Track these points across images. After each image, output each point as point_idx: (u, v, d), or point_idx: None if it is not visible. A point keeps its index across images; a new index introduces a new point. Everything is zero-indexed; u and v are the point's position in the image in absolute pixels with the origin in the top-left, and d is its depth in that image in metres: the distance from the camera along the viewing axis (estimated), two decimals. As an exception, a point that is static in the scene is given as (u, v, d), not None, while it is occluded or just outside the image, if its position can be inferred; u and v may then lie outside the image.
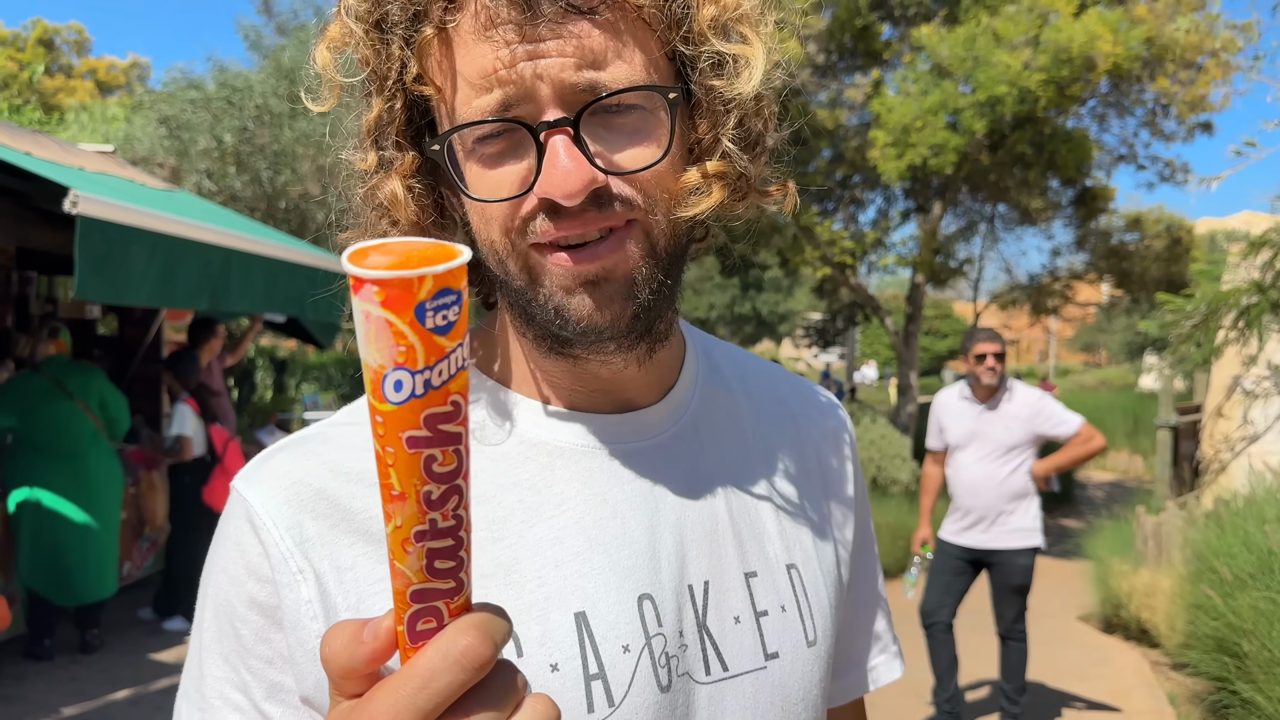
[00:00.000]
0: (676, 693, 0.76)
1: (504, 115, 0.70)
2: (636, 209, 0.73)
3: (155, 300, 5.34)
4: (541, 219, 0.72)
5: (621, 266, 0.73)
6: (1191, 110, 10.28)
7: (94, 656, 6.00)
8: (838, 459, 0.96)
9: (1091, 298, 20.35)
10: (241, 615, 0.74)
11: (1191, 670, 5.54)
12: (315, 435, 0.81)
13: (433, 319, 0.48)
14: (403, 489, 0.50)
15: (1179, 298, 7.18)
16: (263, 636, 0.73)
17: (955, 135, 9.69)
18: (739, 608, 0.81)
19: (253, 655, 0.73)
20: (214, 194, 12.07)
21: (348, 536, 0.73)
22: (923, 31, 10.10)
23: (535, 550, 0.75)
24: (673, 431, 0.84)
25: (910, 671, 6.31)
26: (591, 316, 0.73)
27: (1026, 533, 4.95)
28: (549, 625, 0.73)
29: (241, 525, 0.75)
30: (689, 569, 0.79)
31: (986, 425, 4.99)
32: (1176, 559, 6.77)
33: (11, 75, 24.93)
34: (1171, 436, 9.40)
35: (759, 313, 28.57)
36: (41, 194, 4.91)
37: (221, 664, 0.74)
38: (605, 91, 0.70)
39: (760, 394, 0.94)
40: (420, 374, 0.48)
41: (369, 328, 0.48)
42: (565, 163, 0.69)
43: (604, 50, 0.71)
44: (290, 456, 0.78)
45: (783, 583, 0.84)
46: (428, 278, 0.47)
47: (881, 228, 12.67)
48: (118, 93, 35.84)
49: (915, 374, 12.62)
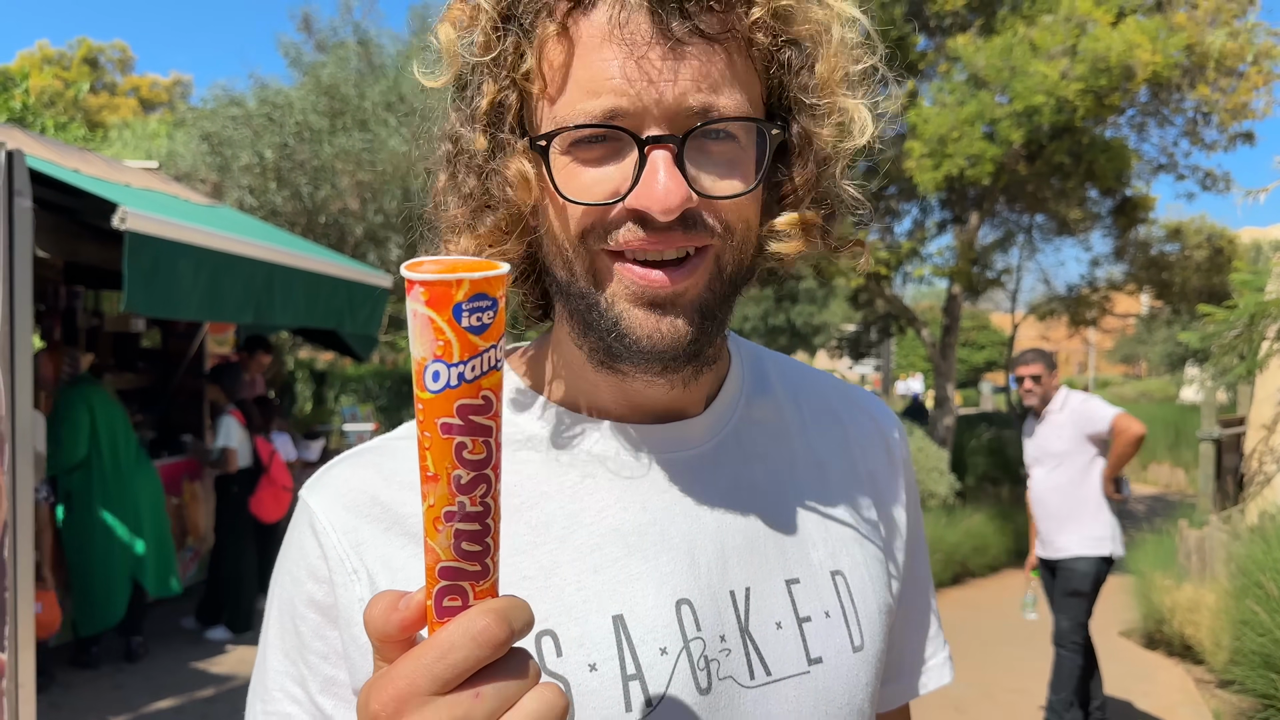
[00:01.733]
0: (718, 695, 0.78)
1: (611, 122, 0.72)
2: (716, 236, 0.75)
3: (202, 314, 5.44)
4: (627, 229, 0.74)
5: (691, 291, 0.75)
6: (1233, 118, 10.14)
7: (139, 665, 6.09)
8: (889, 466, 0.97)
9: (1131, 309, 20.11)
10: (301, 613, 0.78)
11: (1237, 687, 5.45)
12: (376, 447, 0.85)
13: (468, 319, 0.55)
14: (436, 470, 0.57)
15: (1221, 308, 7.09)
16: (319, 634, 0.77)
17: (992, 146, 9.63)
18: (781, 613, 0.82)
19: (310, 651, 0.78)
20: (255, 209, 12.24)
21: (400, 539, 0.78)
22: (959, 42, 10.06)
23: (576, 555, 0.78)
24: (715, 441, 0.86)
25: (951, 686, 6.24)
26: (651, 336, 0.75)
27: (1089, 540, 4.91)
28: (588, 627, 0.76)
29: (304, 530, 0.80)
30: (730, 575, 0.81)
31: (1044, 439, 5.10)
32: (1220, 574, 6.67)
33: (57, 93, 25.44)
34: (1214, 449, 9.26)
35: (793, 324, 28.45)
36: (89, 209, 5.01)
37: (282, 658, 0.80)
38: (716, 116, 0.73)
39: (810, 403, 0.96)
40: (455, 367, 0.56)
41: (415, 324, 0.56)
42: (666, 179, 0.71)
43: (719, 78, 0.73)
44: (350, 466, 0.83)
45: (826, 589, 0.85)
46: (465, 282, 0.55)
47: (917, 238, 12.60)
48: (160, 110, 36.44)
49: (953, 386, 12.51)
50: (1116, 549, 4.94)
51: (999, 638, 7.64)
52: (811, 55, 0.76)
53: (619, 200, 0.73)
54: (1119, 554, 4.95)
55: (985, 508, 11.13)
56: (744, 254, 0.78)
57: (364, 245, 12.84)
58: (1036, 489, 5.16)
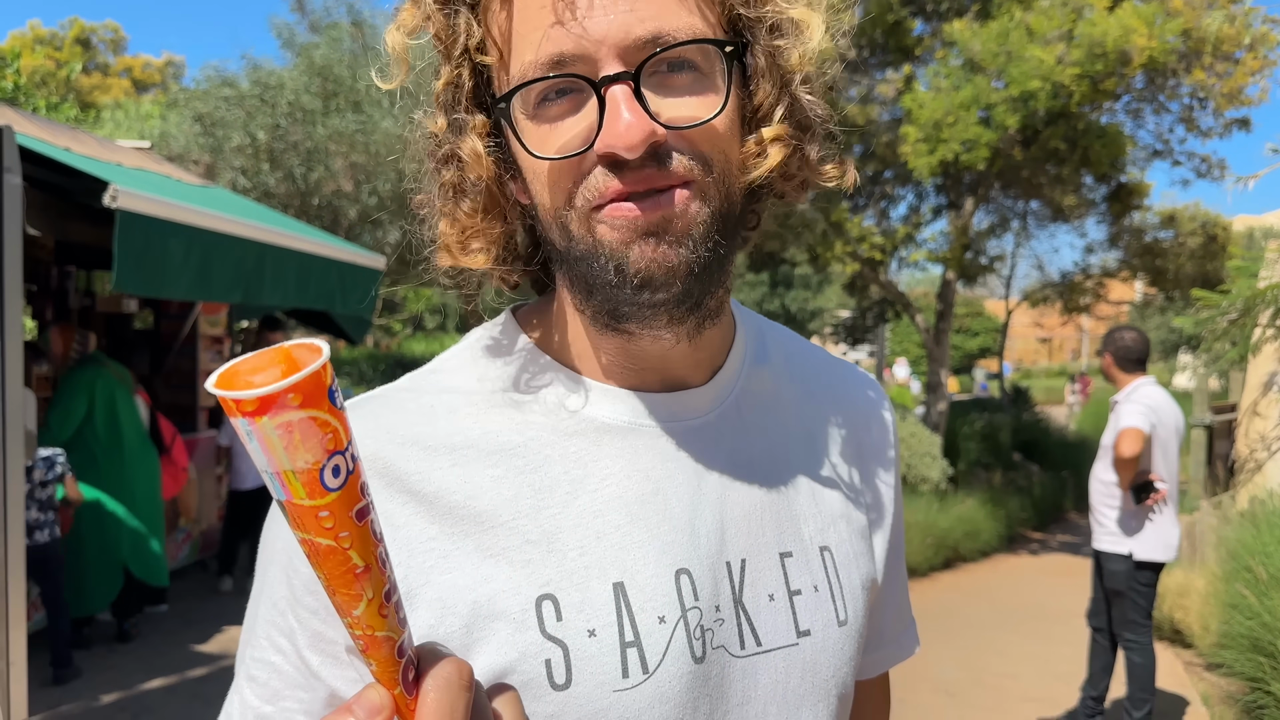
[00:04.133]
0: (711, 664, 0.79)
1: (560, 71, 0.70)
2: (695, 169, 0.73)
3: (192, 294, 5.42)
4: (601, 175, 0.72)
5: (681, 219, 0.73)
6: (1229, 103, 10.12)
7: (130, 645, 6.10)
8: (877, 441, 0.98)
9: (1125, 296, 20.13)
10: (294, 566, 0.77)
11: (1226, 670, 5.48)
12: (378, 398, 0.84)
13: (339, 397, 0.51)
14: (365, 562, 0.53)
15: (1214, 294, 7.09)
16: (310, 588, 0.76)
17: (987, 131, 9.61)
18: (774, 586, 0.83)
19: (300, 605, 0.76)
20: (248, 190, 12.19)
21: (401, 495, 0.76)
22: (955, 27, 10.02)
23: (578, 521, 0.78)
24: (718, 412, 0.86)
25: (940, 668, 6.29)
26: (650, 266, 0.73)
27: (1113, 537, 4.89)
28: (588, 593, 0.76)
29: None
30: (728, 547, 0.81)
31: (1108, 426, 5.02)
32: (1211, 558, 6.70)
33: (50, 74, 25.29)
34: (1206, 435, 9.29)
35: (788, 310, 28.50)
36: (81, 189, 4.98)
37: (270, 609, 0.78)
38: (669, 42, 0.71)
39: (804, 376, 0.96)
40: (347, 450, 0.51)
41: (292, 435, 0.49)
42: (626, 115, 0.69)
43: (667, 6, 0.71)
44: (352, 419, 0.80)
45: (816, 564, 0.86)
46: (328, 366, 0.50)
47: (912, 224, 12.58)
48: (153, 91, 36.25)
49: (946, 372, 12.53)
50: (1137, 550, 4.83)
51: (990, 623, 7.68)
52: None
53: (588, 148, 0.72)
54: (1141, 556, 4.82)
55: (977, 493, 11.17)
56: (728, 186, 0.77)
57: (358, 227, 12.80)
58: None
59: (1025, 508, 12.14)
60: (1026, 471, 13.76)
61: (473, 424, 0.80)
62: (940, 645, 6.87)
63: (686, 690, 0.77)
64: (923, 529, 9.42)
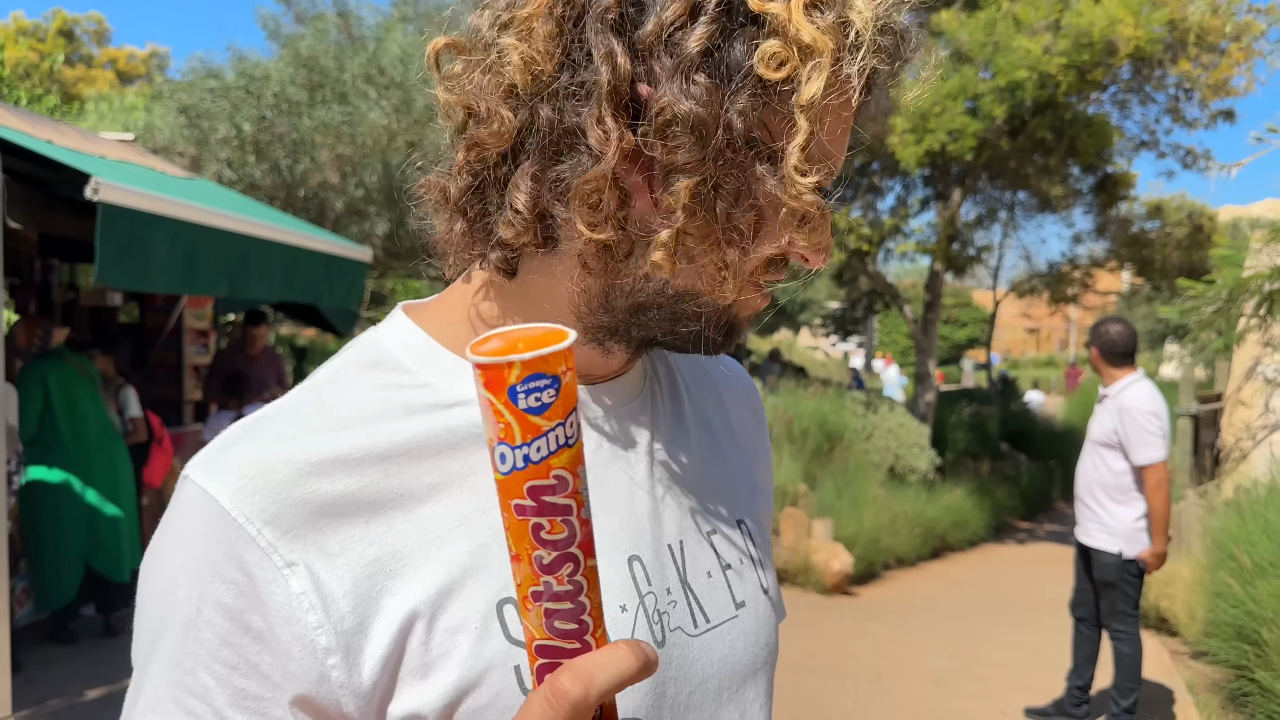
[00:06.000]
0: (671, 646, 0.79)
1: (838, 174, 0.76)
2: None
3: (176, 287, 5.38)
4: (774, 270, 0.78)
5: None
6: (1215, 94, 10.16)
7: (118, 640, 6.07)
8: (754, 418, 1.03)
9: (1112, 286, 20.20)
10: (206, 617, 0.68)
11: (1211, 658, 5.52)
12: (276, 416, 0.75)
13: (525, 400, 0.54)
14: (516, 551, 0.57)
15: (1200, 283, 7.12)
16: (228, 640, 0.68)
17: (974, 121, 9.63)
18: (709, 563, 0.85)
19: (215, 659, 0.68)
20: (234, 182, 12.11)
21: (331, 521, 0.70)
22: (943, 17, 10.03)
23: None
24: (638, 400, 0.87)
25: (928, 657, 6.31)
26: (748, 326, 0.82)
27: (1105, 534, 4.83)
28: None
29: (205, 521, 0.69)
30: (665, 529, 0.83)
31: (1094, 418, 4.98)
32: (1196, 547, 6.74)
33: (33, 65, 25.09)
34: (1192, 424, 9.33)
35: (776, 301, 28.47)
36: (63, 182, 4.94)
37: (174, 668, 0.69)
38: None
39: (686, 363, 0.98)
40: (519, 449, 0.55)
41: (480, 405, 0.56)
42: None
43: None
44: (255, 443, 0.72)
45: (738, 537, 0.89)
46: (515, 364, 0.54)
47: (900, 215, 12.60)
48: (138, 82, 36.02)
49: (934, 363, 12.57)
50: (1128, 549, 4.82)
51: (978, 612, 7.71)
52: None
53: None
54: (1131, 554, 4.80)
55: (965, 483, 11.21)
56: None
57: (345, 219, 12.74)
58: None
59: (1013, 497, 12.19)
60: (1014, 461, 13.82)
61: (393, 431, 0.74)
62: (928, 634, 6.90)
63: (655, 676, 0.76)
64: (911, 519, 9.45)
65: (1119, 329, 4.88)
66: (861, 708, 5.39)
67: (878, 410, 11.07)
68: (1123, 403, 4.74)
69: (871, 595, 8.22)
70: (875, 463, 10.41)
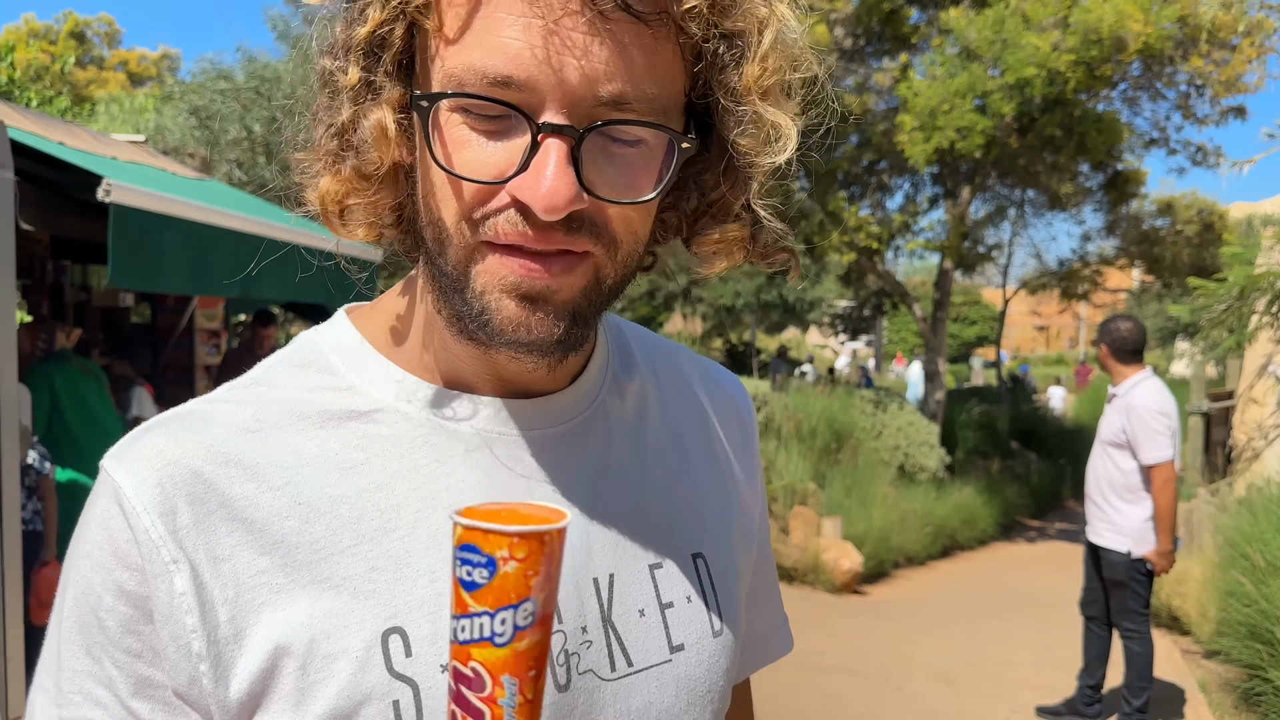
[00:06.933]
0: (577, 692, 0.73)
1: (505, 97, 0.63)
2: (600, 244, 0.68)
3: (188, 287, 5.41)
4: (507, 218, 0.66)
5: (566, 292, 0.68)
6: (1226, 90, 10.12)
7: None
8: (744, 440, 0.95)
9: (1122, 284, 20.13)
10: (108, 605, 0.67)
11: (1223, 658, 5.50)
12: (194, 412, 0.74)
13: (460, 569, 0.55)
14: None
15: (1211, 281, 7.10)
16: (130, 628, 0.67)
17: (983, 118, 9.60)
18: (644, 600, 0.78)
19: (118, 648, 0.67)
20: (244, 183, 12.16)
21: (225, 524, 0.68)
22: (951, 14, 10.01)
23: (429, 542, 0.71)
24: (582, 419, 0.80)
25: (937, 656, 6.30)
26: (517, 329, 0.68)
27: (1115, 533, 4.81)
28: (441, 624, 0.69)
29: (109, 508, 0.69)
30: (594, 561, 0.76)
31: (1104, 417, 4.98)
32: (1208, 546, 6.72)
33: (44, 67, 25.21)
34: (1203, 423, 9.31)
35: (785, 300, 28.47)
36: (75, 183, 4.96)
37: (83, 656, 0.69)
38: (628, 113, 0.64)
39: (669, 377, 0.91)
40: (453, 619, 0.56)
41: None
42: (555, 175, 0.63)
43: (640, 67, 0.64)
44: (166, 435, 0.71)
45: (689, 572, 0.82)
46: (458, 526, 0.54)
47: (909, 213, 12.58)
48: (148, 84, 36.16)
49: (944, 361, 12.54)
50: (1137, 548, 4.82)
51: (987, 611, 7.69)
52: (742, 54, 0.67)
53: (500, 183, 0.65)
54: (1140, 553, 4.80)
55: (974, 481, 11.19)
56: (627, 268, 0.72)
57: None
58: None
59: (1023, 496, 12.17)
60: (1024, 460, 13.79)
61: (305, 439, 0.72)
62: (938, 633, 6.89)
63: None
64: (920, 517, 9.44)
65: (1129, 326, 4.87)
66: (871, 707, 5.39)
67: (887, 409, 11.06)
68: (1131, 401, 4.72)
69: (881, 594, 8.21)
70: (885, 461, 10.40)
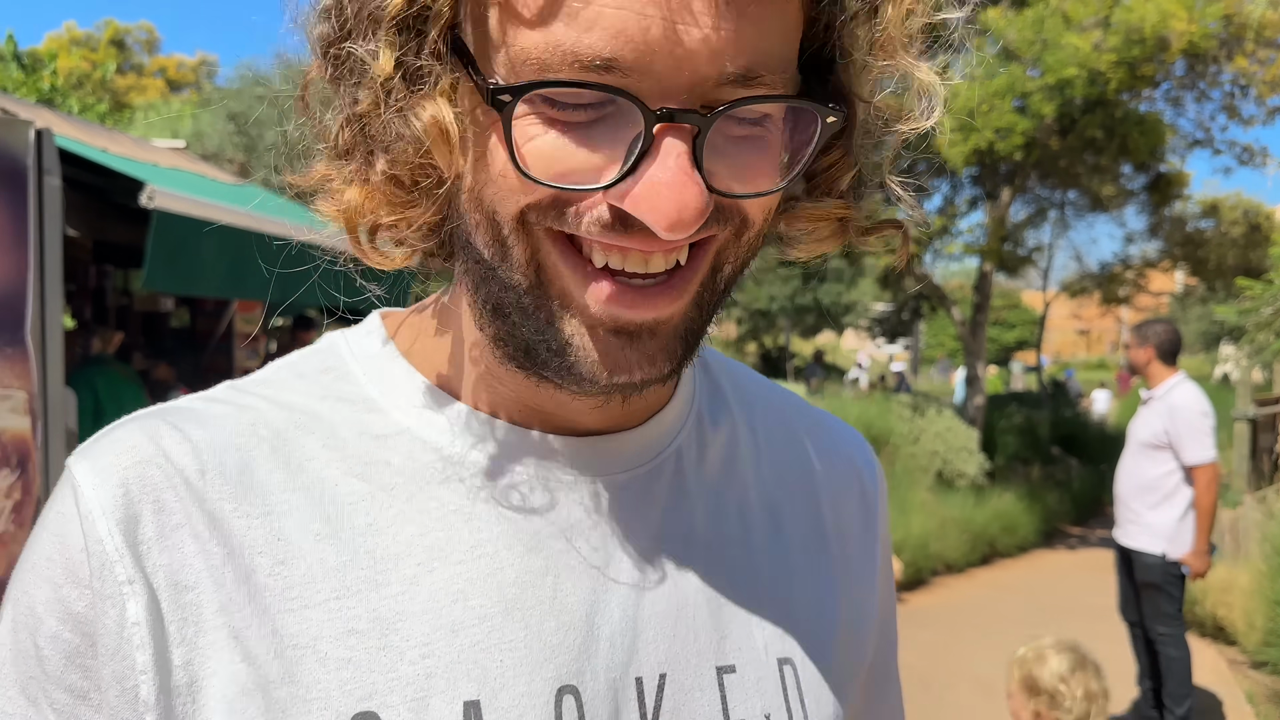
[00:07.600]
0: None
1: (606, 81, 0.48)
2: (725, 229, 0.55)
3: (224, 291, 5.47)
4: (597, 218, 0.52)
5: (677, 316, 0.55)
6: (1272, 90, 9.94)
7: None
8: (864, 516, 0.76)
9: (1165, 287, 19.86)
10: (50, 630, 0.54)
11: (1271, 669, 5.40)
12: (184, 409, 0.61)
13: None
14: None
15: (1258, 283, 6.97)
16: (75, 661, 0.54)
17: (1023, 119, 9.50)
18: (706, 713, 0.62)
19: (59, 686, 0.54)
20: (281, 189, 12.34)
21: (192, 544, 0.55)
22: (990, 15, 9.92)
23: (428, 604, 0.57)
24: (647, 469, 0.65)
25: (978, 665, 6.22)
26: (614, 371, 0.54)
27: (1149, 535, 4.78)
28: (425, 714, 0.55)
29: (65, 510, 0.56)
30: (640, 656, 0.61)
31: (1138, 419, 4.99)
32: (1254, 554, 6.59)
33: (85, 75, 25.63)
34: (1250, 429, 9.14)
35: (821, 304, 28.32)
36: (118, 189, 5.04)
37: (18, 696, 0.55)
38: (756, 92, 0.51)
39: (768, 430, 0.74)
40: None
41: None
42: (682, 181, 0.49)
43: (771, 33, 0.50)
44: (142, 431, 0.58)
45: (770, 683, 0.65)
46: None
47: (948, 215, 12.48)
48: (187, 90, 36.68)
49: (983, 365, 12.42)
50: (1172, 550, 4.79)
51: (1028, 620, 7.58)
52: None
53: (600, 188, 0.51)
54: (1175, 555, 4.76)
55: (1014, 488, 11.06)
56: (751, 252, 0.59)
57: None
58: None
59: (1064, 502, 12.01)
60: (1065, 466, 13.61)
61: (303, 458, 0.59)
62: (978, 642, 6.80)
63: None
64: (959, 525, 9.33)
65: (1168, 328, 4.92)
66: (910, 716, 5.32)
67: (925, 413, 10.95)
68: (1173, 402, 4.73)
69: (920, 602, 8.13)
70: (923, 467, 10.31)
